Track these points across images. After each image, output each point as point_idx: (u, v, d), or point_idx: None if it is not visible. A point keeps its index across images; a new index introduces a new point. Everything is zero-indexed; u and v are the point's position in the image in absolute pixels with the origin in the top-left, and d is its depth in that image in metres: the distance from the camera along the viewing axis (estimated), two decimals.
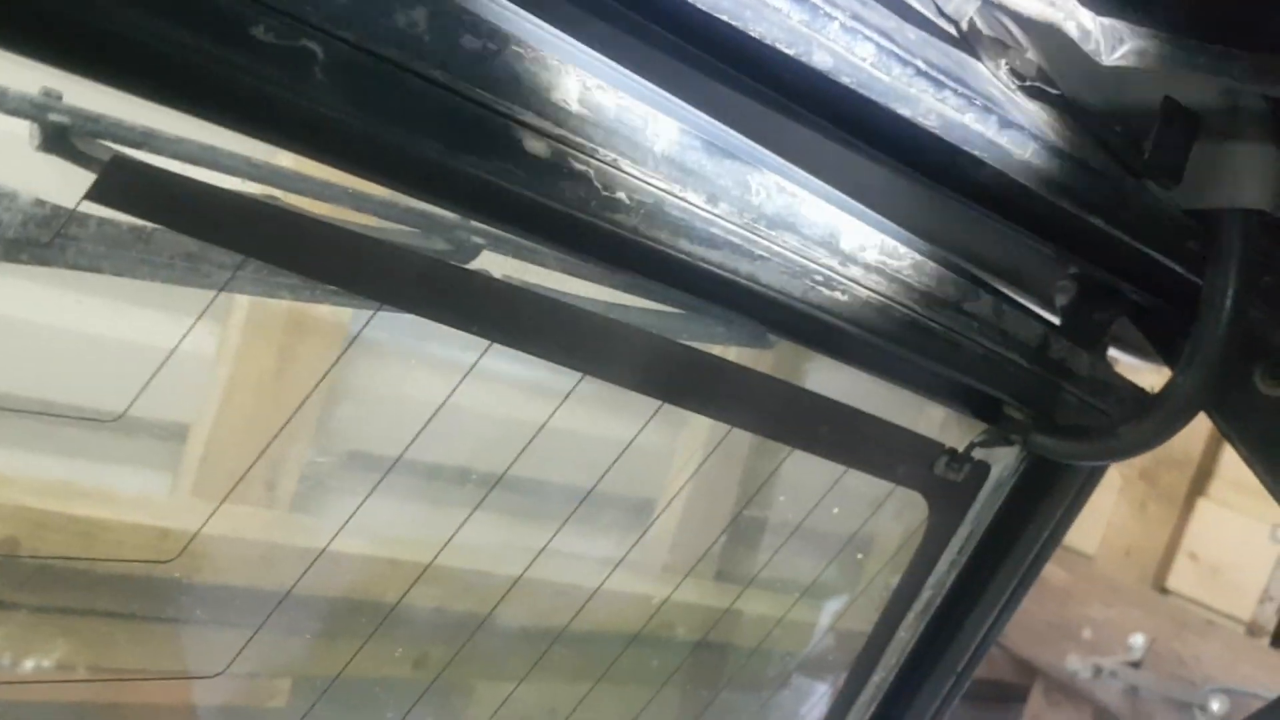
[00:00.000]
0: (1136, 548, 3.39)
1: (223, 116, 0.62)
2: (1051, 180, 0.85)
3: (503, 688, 1.99)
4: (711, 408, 0.98)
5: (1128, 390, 1.05)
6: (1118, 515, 3.43)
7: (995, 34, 0.83)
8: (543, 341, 0.85)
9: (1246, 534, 3.19)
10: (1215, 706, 2.92)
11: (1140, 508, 3.38)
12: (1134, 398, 1.04)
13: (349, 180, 0.92)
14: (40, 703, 1.73)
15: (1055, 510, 1.15)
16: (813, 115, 0.78)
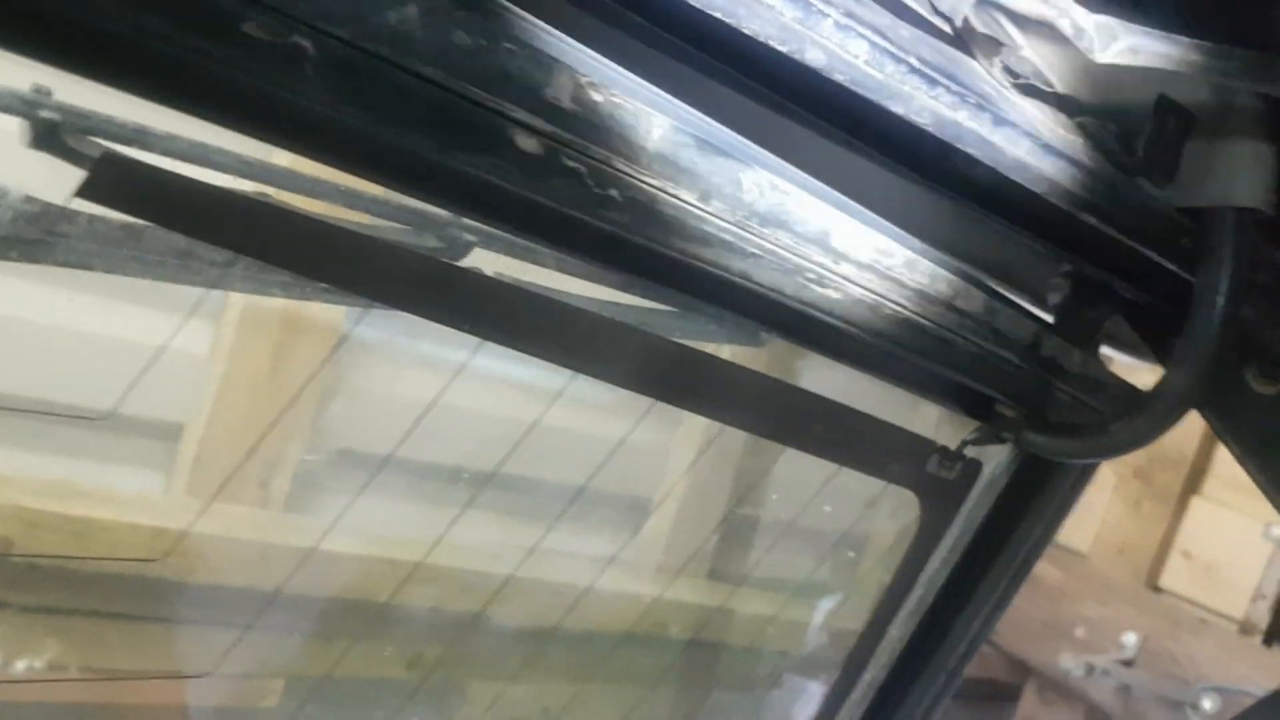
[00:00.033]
0: (1130, 546, 3.39)
1: (214, 113, 0.62)
2: (1044, 178, 0.85)
3: (496, 687, 1.99)
4: (704, 405, 0.98)
5: (1120, 388, 1.05)
6: (1111, 513, 3.43)
7: (989, 31, 0.83)
8: (535, 339, 0.85)
9: (1240, 532, 3.18)
10: (1208, 705, 2.92)
11: (1134, 506, 3.38)
12: (1126, 395, 1.05)
13: (341, 177, 0.92)
14: (30, 703, 1.72)
15: (1047, 508, 1.15)
16: (806, 113, 0.78)
